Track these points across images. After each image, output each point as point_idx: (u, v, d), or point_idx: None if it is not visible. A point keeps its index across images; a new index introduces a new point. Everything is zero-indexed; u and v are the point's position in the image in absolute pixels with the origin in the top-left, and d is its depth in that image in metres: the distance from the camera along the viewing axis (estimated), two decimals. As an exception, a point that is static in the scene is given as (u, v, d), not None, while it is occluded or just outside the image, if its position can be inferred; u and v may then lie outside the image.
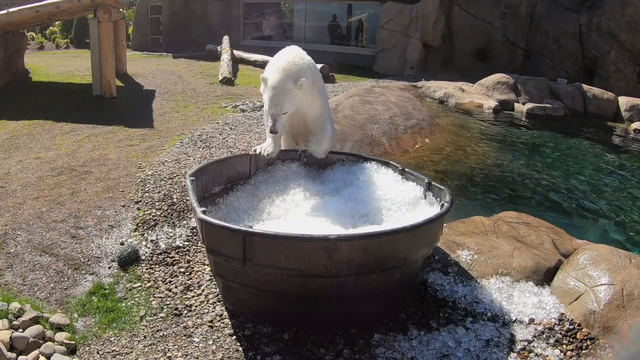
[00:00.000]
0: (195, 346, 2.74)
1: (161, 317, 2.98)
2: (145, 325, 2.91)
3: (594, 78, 11.87)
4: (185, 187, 3.74)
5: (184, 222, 3.95)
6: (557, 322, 2.80)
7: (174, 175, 4.70)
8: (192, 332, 2.85)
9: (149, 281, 3.32)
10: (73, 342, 2.71)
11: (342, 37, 15.90)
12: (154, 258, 3.54)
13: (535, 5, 12.96)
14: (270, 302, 2.79)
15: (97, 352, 2.68)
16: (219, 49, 13.34)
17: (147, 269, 3.43)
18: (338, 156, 3.98)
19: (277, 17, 17.94)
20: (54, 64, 12.31)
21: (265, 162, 3.75)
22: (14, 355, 2.50)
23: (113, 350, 2.70)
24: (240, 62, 13.01)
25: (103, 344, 2.74)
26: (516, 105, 9.90)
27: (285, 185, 3.51)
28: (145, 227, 3.88)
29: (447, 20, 13.61)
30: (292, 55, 3.56)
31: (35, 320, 2.75)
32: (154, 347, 2.73)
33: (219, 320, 2.94)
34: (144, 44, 17.16)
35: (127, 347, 2.73)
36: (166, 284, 3.30)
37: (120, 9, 10.48)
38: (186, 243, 3.71)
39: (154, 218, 3.99)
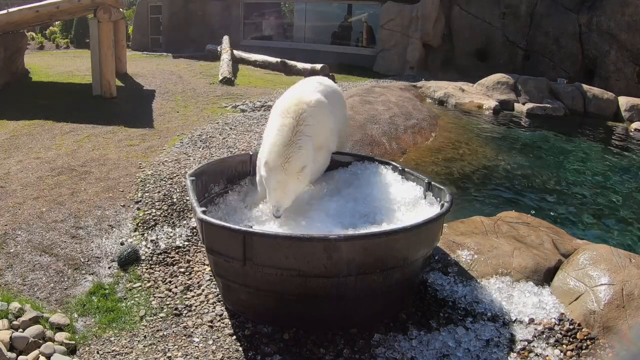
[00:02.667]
0: (195, 346, 2.74)
1: (161, 317, 2.98)
2: (145, 325, 2.91)
3: (594, 78, 11.87)
4: (186, 187, 3.74)
5: (184, 222, 3.95)
6: (557, 322, 2.80)
7: (174, 175, 4.70)
8: (192, 332, 2.85)
9: (149, 281, 3.32)
10: (73, 342, 2.71)
11: (352, 38, 15.82)
12: (154, 258, 3.54)
13: (535, 5, 12.96)
14: (270, 302, 2.79)
15: (97, 352, 2.68)
16: (219, 49, 13.34)
17: (147, 269, 3.43)
18: (339, 157, 3.98)
19: (277, 17, 17.93)
20: (54, 64, 12.31)
21: None
22: (14, 355, 2.50)
23: (113, 350, 2.70)
24: (240, 62, 13.02)
25: (103, 344, 2.74)
26: (516, 105, 9.90)
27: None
28: (145, 227, 3.88)
29: (447, 20, 13.61)
30: (293, 131, 3.20)
31: (35, 320, 2.75)
32: (154, 347, 2.73)
33: (219, 320, 2.94)
34: (144, 44, 17.17)
35: (127, 347, 2.73)
36: (166, 284, 3.30)
37: (120, 9, 10.48)
38: (186, 243, 3.71)
39: (154, 218, 3.99)
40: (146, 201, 4.22)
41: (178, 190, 4.38)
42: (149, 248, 3.63)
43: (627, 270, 2.94)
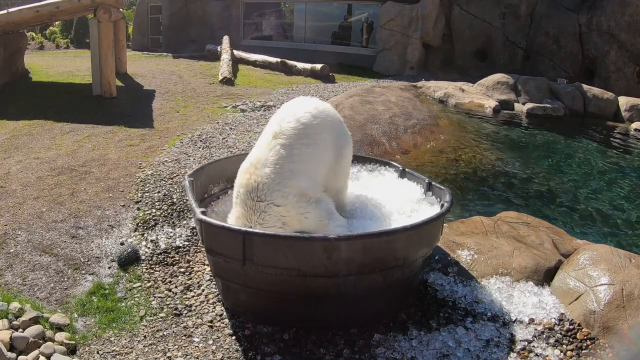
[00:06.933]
0: (195, 346, 2.74)
1: (161, 317, 2.98)
2: (145, 325, 2.91)
3: (594, 78, 11.86)
4: (184, 188, 3.74)
5: (184, 222, 3.95)
6: (557, 322, 2.80)
7: (174, 175, 4.70)
8: (192, 332, 2.85)
9: (149, 281, 3.32)
10: (73, 342, 2.71)
11: (353, 39, 15.74)
12: (154, 258, 3.54)
13: (535, 5, 12.95)
14: (270, 302, 2.79)
15: (97, 352, 2.68)
16: (219, 49, 13.34)
17: (147, 269, 3.43)
18: None
19: (277, 17, 17.93)
20: (54, 64, 12.30)
21: None
22: (14, 355, 2.50)
23: (113, 350, 2.70)
24: (240, 62, 13.02)
25: (103, 344, 2.74)
26: (516, 105, 9.89)
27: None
28: (145, 227, 3.88)
29: (447, 20, 13.60)
30: None
31: (35, 320, 2.75)
32: (154, 347, 2.73)
33: (219, 320, 2.94)
34: (144, 44, 17.16)
35: (127, 347, 2.72)
36: (166, 284, 3.30)
37: (120, 9, 10.48)
38: (186, 243, 3.71)
39: (154, 218, 3.99)
40: (146, 201, 4.22)
41: (178, 190, 4.38)
42: (149, 248, 3.63)
43: (627, 270, 2.94)
